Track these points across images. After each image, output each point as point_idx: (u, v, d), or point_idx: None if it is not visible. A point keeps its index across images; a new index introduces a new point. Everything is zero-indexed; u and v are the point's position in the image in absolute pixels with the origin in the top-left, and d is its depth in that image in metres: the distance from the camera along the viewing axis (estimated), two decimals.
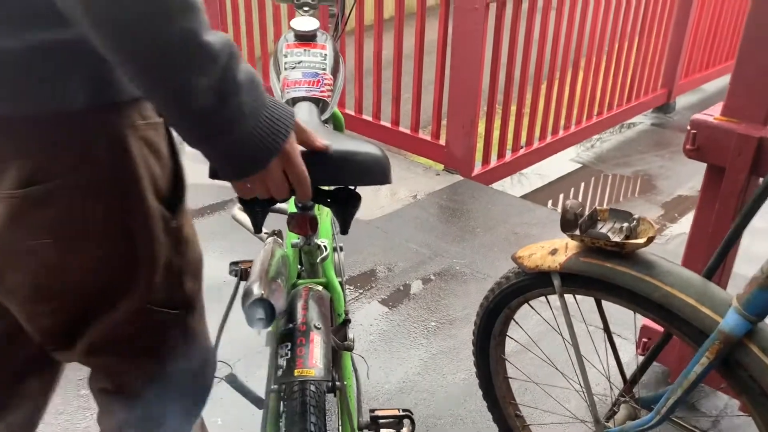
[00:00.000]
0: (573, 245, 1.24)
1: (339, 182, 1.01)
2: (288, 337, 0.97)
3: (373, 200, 3.13)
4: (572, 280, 1.24)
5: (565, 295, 1.28)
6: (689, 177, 3.98)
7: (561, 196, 3.95)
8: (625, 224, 1.17)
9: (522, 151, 3.73)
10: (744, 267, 1.64)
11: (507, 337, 1.51)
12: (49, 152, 0.83)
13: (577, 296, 1.30)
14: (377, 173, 0.99)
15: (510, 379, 1.57)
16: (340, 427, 1.21)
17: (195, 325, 1.07)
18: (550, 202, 3.76)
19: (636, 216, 1.17)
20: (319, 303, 1.06)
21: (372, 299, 2.37)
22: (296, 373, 0.93)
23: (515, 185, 3.89)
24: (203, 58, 0.74)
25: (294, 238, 1.20)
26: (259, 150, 0.81)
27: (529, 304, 1.42)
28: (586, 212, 1.20)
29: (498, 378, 1.55)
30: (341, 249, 1.48)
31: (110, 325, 0.95)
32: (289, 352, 0.95)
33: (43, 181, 0.83)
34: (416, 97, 3.47)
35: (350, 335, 1.35)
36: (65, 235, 0.88)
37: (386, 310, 2.31)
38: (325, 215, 1.41)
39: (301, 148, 0.89)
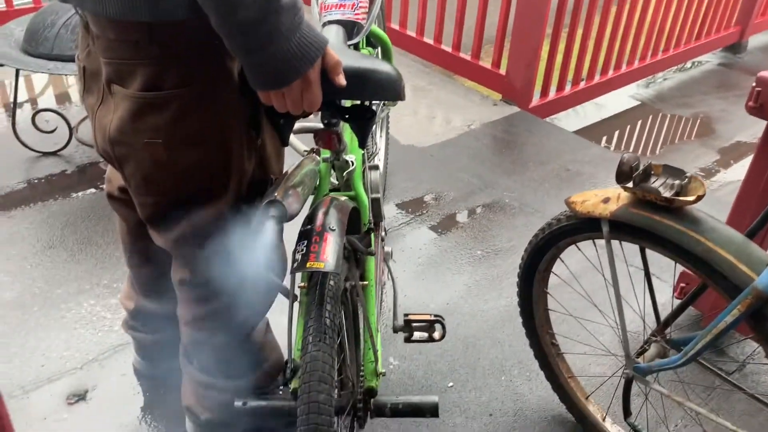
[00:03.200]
0: (624, 196, 1.31)
1: (356, 97, 1.13)
2: (305, 235, 1.10)
3: (428, 128, 3.20)
4: (620, 228, 1.32)
5: (612, 241, 1.37)
6: (752, 123, 3.89)
7: (616, 134, 3.93)
8: (677, 181, 1.23)
9: (582, 85, 3.70)
10: None
11: (551, 273, 1.61)
12: (165, 62, 1.01)
13: (623, 243, 1.39)
14: (390, 90, 1.11)
15: (549, 311, 1.68)
16: (362, 324, 1.34)
17: None
18: (604, 139, 3.76)
19: (688, 174, 1.23)
20: (338, 210, 1.17)
21: (422, 225, 2.48)
22: (308, 265, 1.05)
23: (570, 119, 3.88)
24: None
25: (326, 154, 1.33)
26: (286, 70, 0.95)
27: (576, 245, 1.51)
28: (642, 166, 1.27)
29: (538, 308, 1.67)
30: (376, 168, 1.58)
31: (200, 221, 1.16)
32: (305, 248, 1.08)
33: (161, 89, 1.02)
34: (480, 21, 3.44)
35: (387, 248, 1.63)
36: (173, 138, 1.07)
37: (435, 236, 2.43)
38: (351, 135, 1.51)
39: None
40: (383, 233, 1.69)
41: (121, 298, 1.66)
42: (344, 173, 1.33)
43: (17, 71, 2.50)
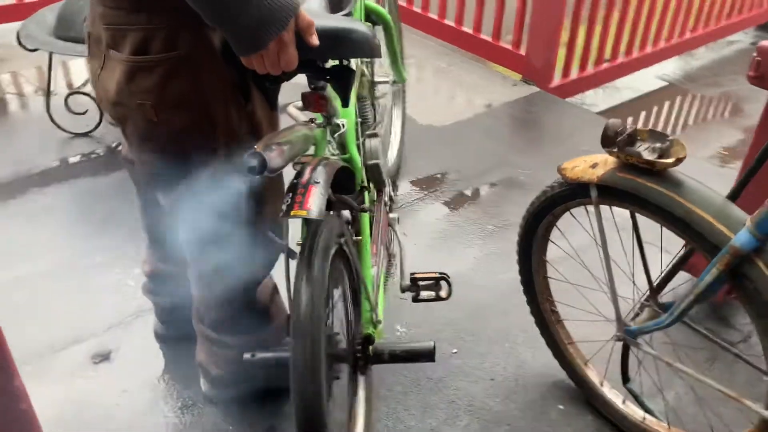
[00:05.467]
0: (611, 161, 1.35)
1: (332, 55, 1.22)
2: (291, 188, 1.17)
3: (446, 108, 3.24)
4: (608, 192, 1.36)
5: (602, 207, 1.41)
6: None
7: (642, 114, 3.91)
8: (659, 144, 1.27)
9: (605, 65, 3.69)
10: None
11: (550, 242, 1.65)
12: (151, 29, 1.12)
13: (614, 208, 1.42)
14: (366, 48, 1.20)
15: (549, 279, 1.73)
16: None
17: (268, 194, 1.33)
18: (630, 120, 3.74)
19: (670, 137, 1.26)
20: (325, 167, 1.24)
21: (435, 201, 2.54)
22: (292, 213, 1.12)
23: (595, 100, 3.87)
24: None
25: (320, 119, 1.40)
26: (260, 34, 1.04)
27: (571, 214, 1.55)
28: (627, 131, 1.30)
29: (538, 276, 1.71)
30: (375, 136, 1.64)
31: (194, 183, 1.24)
32: (290, 199, 1.15)
33: (148, 53, 1.14)
34: (500, 1, 3.45)
35: (392, 214, 1.73)
36: (162, 100, 1.18)
37: (447, 212, 2.48)
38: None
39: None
40: (386, 198, 1.75)
41: (141, 264, 1.77)
42: (335, 135, 1.40)
43: (50, 55, 2.64)
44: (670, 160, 1.23)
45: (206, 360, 1.63)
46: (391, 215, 1.78)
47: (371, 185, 1.71)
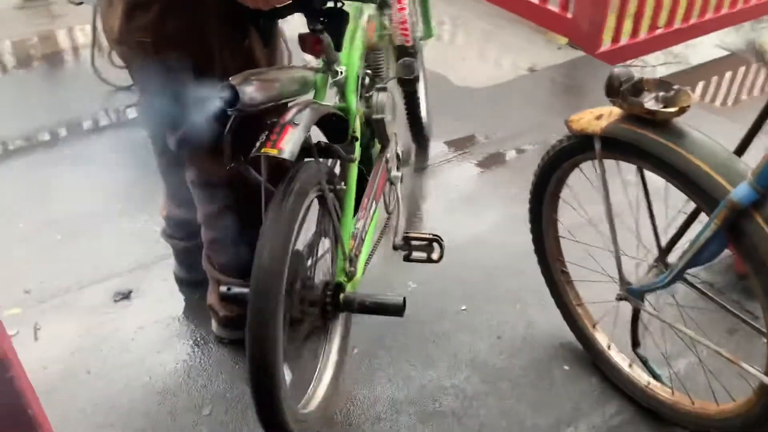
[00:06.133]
0: (616, 112, 1.31)
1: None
2: (269, 126, 1.17)
3: (485, 69, 3.18)
4: (612, 145, 1.32)
5: (609, 161, 1.37)
6: None
7: (700, 85, 3.73)
8: (664, 93, 1.21)
9: (659, 31, 3.53)
10: None
11: (560, 199, 1.62)
12: None
13: (622, 163, 1.38)
14: None
15: (561, 239, 1.69)
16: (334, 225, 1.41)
17: None
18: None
19: (676, 87, 1.21)
20: (310, 110, 1.23)
21: (463, 162, 2.51)
22: (263, 150, 1.12)
23: (646, 68, 3.71)
24: None
25: (321, 64, 1.39)
26: None
27: (580, 170, 1.51)
28: (633, 80, 1.25)
29: (548, 235, 1.68)
30: (384, 90, 1.62)
31: (195, 122, 1.25)
32: (265, 137, 1.15)
33: None
34: None
35: (396, 172, 1.73)
36: (159, 37, 1.21)
37: (473, 174, 2.45)
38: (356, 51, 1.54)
39: None
40: (390, 155, 1.74)
41: (159, 208, 1.84)
42: (333, 80, 1.40)
43: (95, 8, 2.72)
44: (673, 110, 1.18)
45: (215, 302, 1.68)
46: (394, 173, 1.76)
47: (375, 140, 1.70)
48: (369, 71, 1.68)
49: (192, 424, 1.56)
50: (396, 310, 1.39)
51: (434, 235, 1.67)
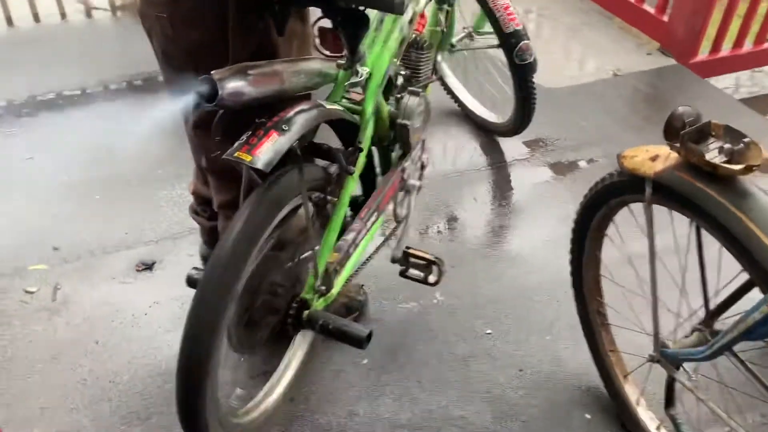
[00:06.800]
0: (673, 156, 1.14)
1: (349, 2, 1.12)
2: (254, 126, 1.08)
3: (564, 69, 2.97)
4: (665, 191, 1.15)
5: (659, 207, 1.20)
6: None
7: None
8: (732, 145, 1.04)
9: None
10: None
11: (605, 237, 1.46)
12: None
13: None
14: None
15: (602, 278, 1.54)
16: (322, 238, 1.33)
17: None
18: None
19: (748, 139, 1.03)
20: (310, 115, 1.13)
21: (520, 168, 2.36)
22: (236, 154, 1.03)
23: (743, 84, 3.38)
24: None
25: (340, 60, 1.28)
26: None
27: (629, 210, 1.35)
28: (698, 123, 1.08)
29: (588, 272, 1.53)
30: (416, 94, 1.50)
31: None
32: (245, 138, 1.05)
33: None
34: None
35: (414, 181, 1.63)
36: (175, 14, 1.17)
37: (531, 183, 2.30)
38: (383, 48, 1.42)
39: None
40: (408, 162, 1.60)
41: (189, 184, 1.80)
42: (350, 81, 1.29)
43: None
44: (739, 167, 1.01)
45: None
46: (411, 181, 1.63)
47: (397, 145, 1.57)
48: (406, 71, 1.55)
49: None
50: (357, 341, 1.28)
51: (436, 257, 1.55)
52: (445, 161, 2.39)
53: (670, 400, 1.47)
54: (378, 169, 1.62)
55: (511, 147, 2.46)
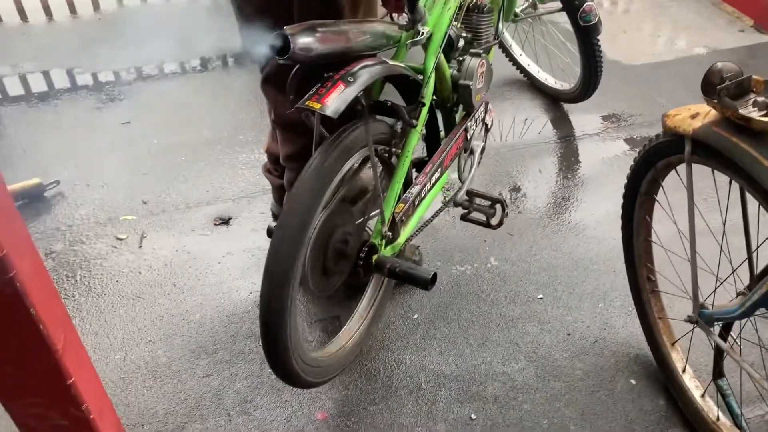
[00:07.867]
0: (713, 113, 1.13)
1: None
2: (324, 79, 1.15)
3: (645, 46, 2.90)
4: (705, 149, 1.15)
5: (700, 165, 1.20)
6: None
7: None
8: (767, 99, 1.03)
9: None
10: None
11: (655, 201, 1.46)
12: None
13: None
14: None
15: (652, 243, 1.53)
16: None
17: None
18: None
19: None
20: (374, 69, 1.19)
21: (594, 142, 2.35)
22: (307, 103, 1.10)
23: None
24: None
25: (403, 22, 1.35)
26: None
27: (676, 172, 1.35)
28: (736, 78, 1.08)
29: (638, 237, 1.53)
30: (478, 56, 1.55)
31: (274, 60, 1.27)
32: (315, 89, 1.12)
33: None
34: None
35: (478, 142, 1.67)
36: None
37: (602, 157, 2.28)
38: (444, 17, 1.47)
39: None
40: (470, 122, 1.65)
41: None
42: (412, 40, 1.35)
43: None
44: None
45: None
46: (475, 141, 1.68)
47: (460, 107, 1.63)
48: (467, 34, 1.60)
49: (248, 351, 1.66)
50: (423, 282, 1.35)
51: (500, 196, 1.59)
52: (513, 133, 2.41)
53: (717, 369, 1.46)
54: (442, 133, 1.69)
55: (584, 121, 2.44)
